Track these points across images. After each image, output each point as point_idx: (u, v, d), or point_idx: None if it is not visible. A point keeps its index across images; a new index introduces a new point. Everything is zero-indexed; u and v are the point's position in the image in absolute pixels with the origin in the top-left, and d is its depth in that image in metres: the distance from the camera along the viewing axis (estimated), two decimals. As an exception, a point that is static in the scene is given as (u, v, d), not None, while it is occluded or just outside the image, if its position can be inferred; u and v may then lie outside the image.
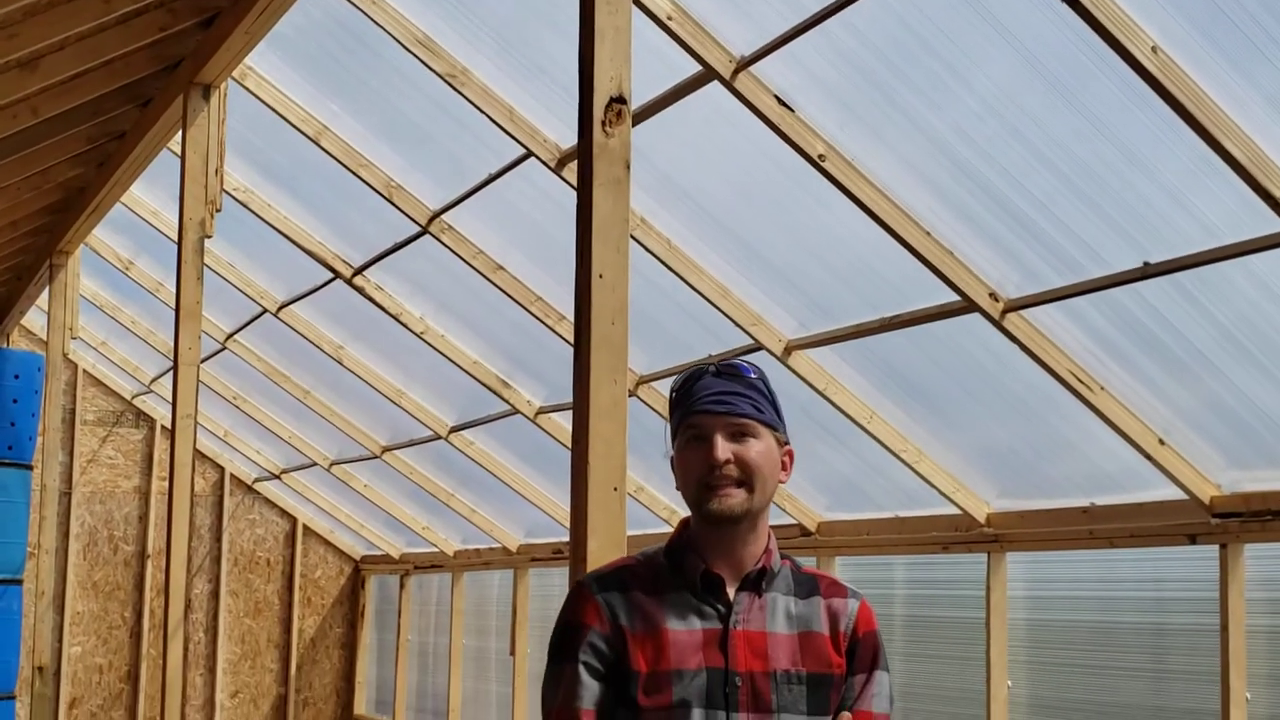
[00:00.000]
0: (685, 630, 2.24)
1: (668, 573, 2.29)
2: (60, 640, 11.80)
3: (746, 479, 2.25)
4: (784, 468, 2.33)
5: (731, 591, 2.27)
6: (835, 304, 5.89)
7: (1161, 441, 5.19)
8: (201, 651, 12.40)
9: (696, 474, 2.26)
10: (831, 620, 2.28)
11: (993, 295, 5.05)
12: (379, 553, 12.66)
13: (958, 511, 6.42)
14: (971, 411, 6.09)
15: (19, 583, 10.88)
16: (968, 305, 5.12)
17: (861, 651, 2.29)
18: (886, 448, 6.32)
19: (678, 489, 2.33)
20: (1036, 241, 4.81)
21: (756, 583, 2.27)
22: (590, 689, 2.23)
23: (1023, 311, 5.05)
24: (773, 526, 2.37)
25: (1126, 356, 5.05)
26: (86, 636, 12.06)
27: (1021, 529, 6.21)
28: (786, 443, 2.34)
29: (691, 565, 2.28)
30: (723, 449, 2.24)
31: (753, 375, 2.32)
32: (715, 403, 2.27)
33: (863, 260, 5.61)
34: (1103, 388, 5.14)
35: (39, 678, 9.07)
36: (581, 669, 2.25)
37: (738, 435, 2.26)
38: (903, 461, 6.33)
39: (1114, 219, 4.57)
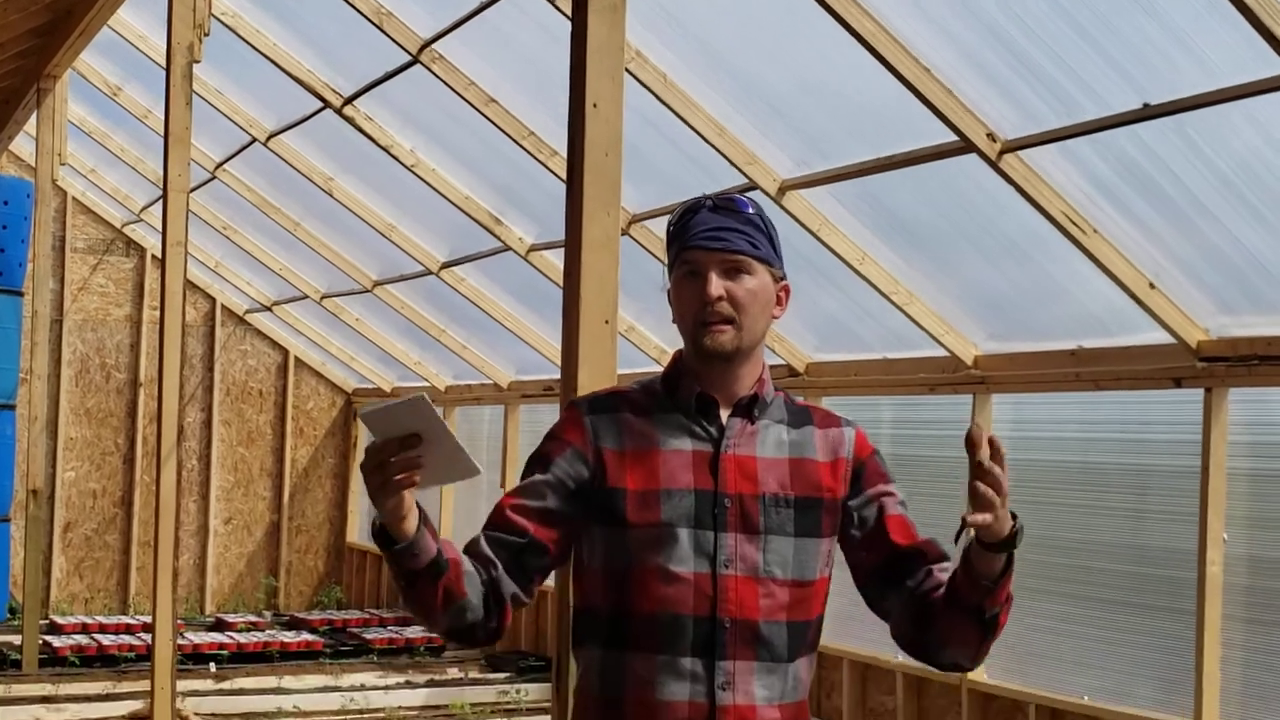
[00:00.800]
0: (676, 450, 2.26)
1: (663, 397, 2.32)
2: (54, 466, 11.92)
3: (739, 315, 2.25)
4: (779, 303, 2.33)
5: (725, 416, 2.29)
6: (832, 143, 5.83)
7: (1152, 285, 5.20)
8: (195, 479, 12.54)
9: (691, 309, 2.27)
10: (829, 448, 2.31)
11: (990, 135, 5.01)
12: (370, 386, 12.74)
13: (945, 354, 6.45)
14: (964, 254, 6.08)
15: (12, 408, 10.96)
16: (965, 145, 5.08)
17: (871, 468, 2.33)
18: (878, 289, 6.32)
19: (673, 322, 2.34)
20: (1036, 80, 4.75)
21: (748, 409, 2.30)
22: (547, 493, 2.26)
23: (1020, 152, 5.01)
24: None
25: (1122, 199, 5.03)
26: (80, 462, 12.19)
27: (1008, 371, 6.26)
28: (783, 278, 2.33)
29: (686, 388, 2.30)
30: (716, 286, 2.24)
31: (750, 210, 2.30)
32: (710, 238, 2.26)
33: (861, 99, 5.55)
34: (1096, 230, 5.13)
35: (33, 501, 9.19)
36: (546, 475, 2.28)
37: (732, 271, 2.25)
38: (893, 303, 6.34)
39: (1115, 58, 4.51)
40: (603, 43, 3.21)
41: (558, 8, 5.76)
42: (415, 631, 10.55)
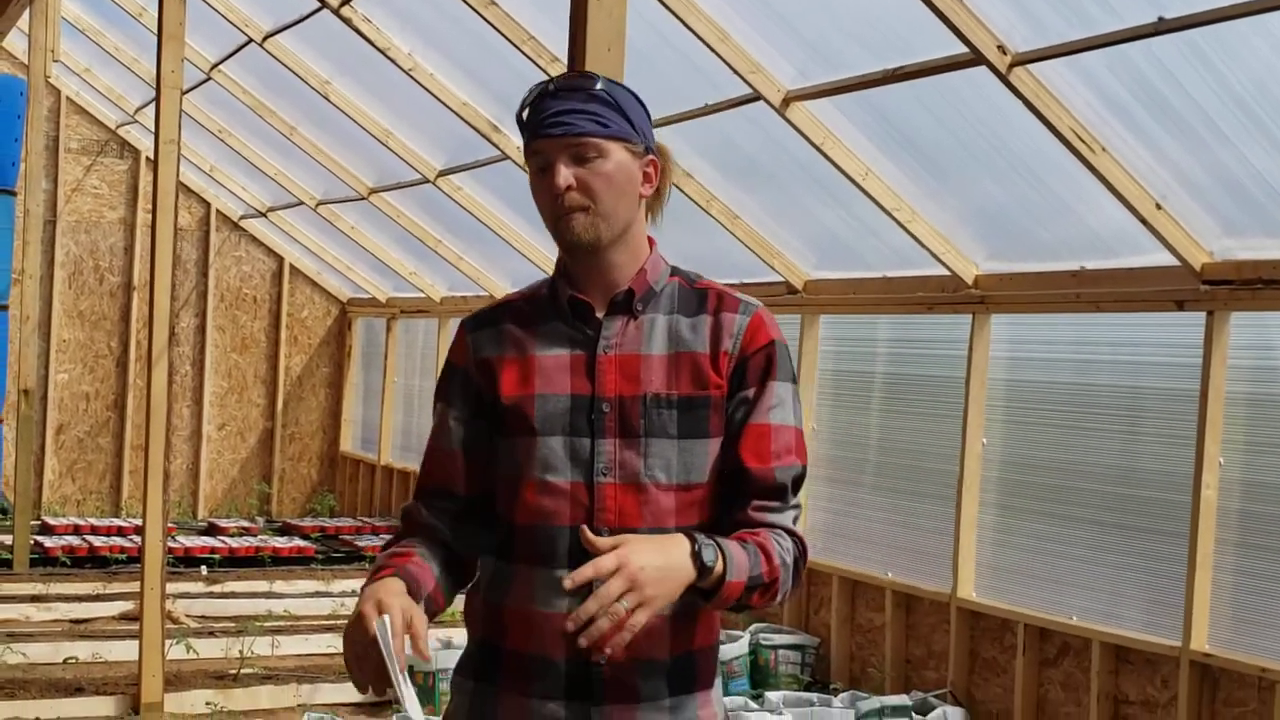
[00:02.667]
0: (553, 356, 2.16)
1: (545, 302, 2.21)
2: (46, 367, 11.88)
3: (594, 202, 2.10)
4: (646, 180, 2.16)
5: (603, 315, 2.17)
6: (838, 53, 5.72)
7: (1158, 206, 5.13)
8: (188, 384, 12.51)
9: (546, 205, 2.13)
10: (714, 338, 2.14)
11: (1000, 48, 4.91)
12: (366, 296, 12.67)
13: (946, 273, 6.39)
14: (969, 171, 6.00)
15: (3, 308, 10.89)
16: (974, 58, 4.98)
17: (751, 365, 2.14)
18: (880, 206, 6.25)
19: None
20: (1050, -10, 4.65)
21: (626, 305, 2.16)
22: (456, 430, 2.21)
23: (1030, 66, 4.91)
24: (760, 284, 2.29)
25: (1132, 117, 4.94)
26: (73, 364, 12.14)
27: (1008, 290, 6.20)
28: (647, 152, 2.15)
29: (560, 292, 2.19)
30: (564, 176, 2.09)
31: (598, 85, 2.13)
32: (552, 125, 2.10)
33: (869, 8, 5.44)
34: (1104, 148, 5.04)
35: (25, 400, 9.16)
36: (449, 409, 2.23)
37: (580, 157, 2.09)
38: (895, 220, 6.26)
39: (1132, -30, 4.41)
40: (607, -67, 3.11)
41: (561, -93, 5.62)
42: (406, 541, 10.57)
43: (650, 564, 1.91)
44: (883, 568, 6.87)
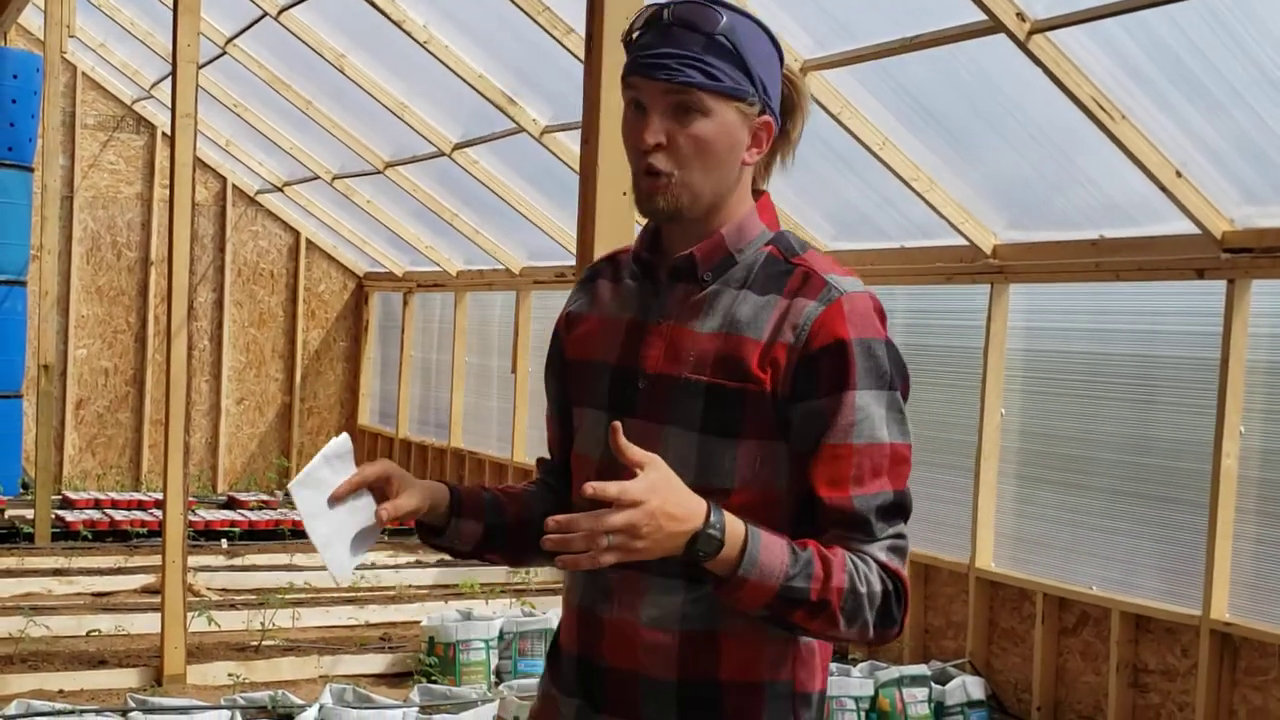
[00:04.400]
0: (613, 319, 1.93)
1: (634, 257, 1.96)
2: (66, 343, 11.92)
3: (679, 169, 1.80)
4: (755, 143, 1.84)
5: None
6: (856, 22, 5.69)
7: (1179, 174, 5.10)
8: (207, 359, 12.55)
9: (631, 148, 1.84)
10: (777, 326, 1.80)
11: (1020, 15, 4.88)
12: (382, 270, 12.68)
13: (964, 243, 6.37)
14: (988, 140, 5.97)
15: (22, 284, 10.94)
16: (994, 25, 4.95)
17: (822, 369, 1.77)
18: (898, 176, 6.22)
19: None
20: (1069, -43, 4.62)
21: (690, 272, 1.86)
22: (553, 392, 2.06)
23: (1049, 33, 4.88)
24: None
25: (1152, 84, 4.91)
26: (92, 340, 12.19)
27: (1027, 260, 6.18)
28: (762, 111, 1.83)
29: (635, 252, 1.94)
30: (654, 131, 1.79)
31: (720, 23, 1.77)
32: (654, 65, 1.78)
33: (886, -24, 5.41)
34: (1124, 116, 5.01)
35: (44, 376, 9.20)
36: (550, 371, 2.06)
37: (680, 110, 1.79)
38: (913, 190, 6.24)
39: (1153, -64, 4.37)
40: (625, -99, 3.10)
41: (577, -124, 5.60)
42: (425, 514, 10.60)
43: (667, 515, 1.66)
44: (901, 538, 6.86)
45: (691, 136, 1.79)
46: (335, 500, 1.89)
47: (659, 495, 1.66)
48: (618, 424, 1.69)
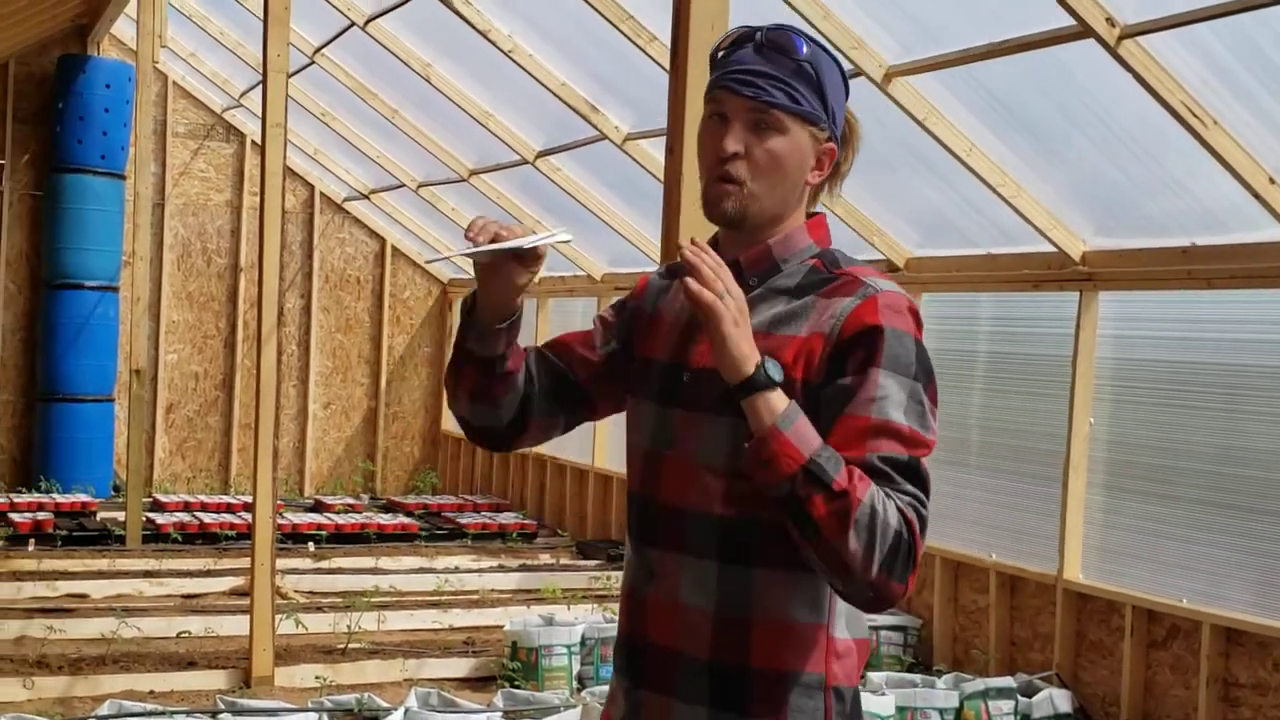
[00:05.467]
0: (674, 317, 2.09)
1: None
2: (156, 348, 12.14)
3: (751, 180, 1.96)
4: (819, 166, 2.01)
5: None
6: (942, 27, 5.65)
7: (1272, 180, 5.01)
8: (294, 364, 12.72)
9: (706, 158, 1.99)
10: (813, 322, 1.93)
11: (1109, 20, 4.81)
12: (466, 276, 12.78)
13: (1052, 249, 6.29)
14: (1076, 145, 5.89)
15: (115, 290, 11.17)
16: (1083, 30, 4.89)
17: (852, 352, 1.89)
18: (984, 181, 6.17)
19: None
20: (1161, -39, 4.55)
21: (737, 276, 1.95)
22: (598, 330, 2.17)
23: (1140, 38, 4.81)
24: (860, 261, 2.13)
25: (1245, 90, 4.82)
26: (182, 345, 12.40)
27: (1117, 267, 6.09)
28: (830, 139, 2.00)
29: None
30: (734, 139, 1.94)
31: (804, 53, 1.96)
32: (744, 82, 1.94)
33: (973, -20, 5.36)
34: (1216, 122, 4.93)
35: (136, 380, 9.38)
36: (602, 317, 2.19)
37: (761, 126, 1.95)
38: (1000, 196, 6.18)
39: (1247, -62, 4.30)
40: (711, -89, 3.10)
41: (661, -115, 5.61)
42: (508, 518, 10.67)
43: (743, 314, 1.83)
44: (986, 549, 6.79)
45: (768, 150, 1.96)
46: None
47: (735, 294, 1.84)
48: (690, 243, 1.85)
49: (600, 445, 10.40)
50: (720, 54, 2.01)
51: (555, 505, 11.09)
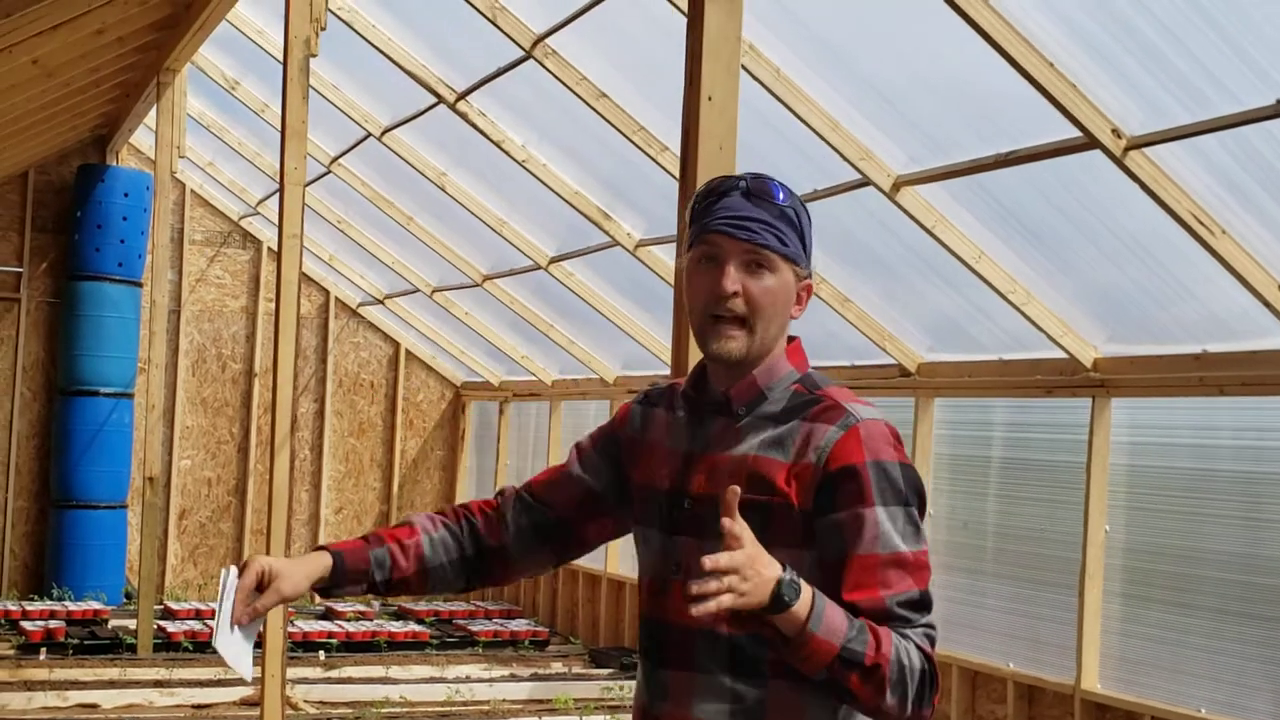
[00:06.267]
0: (668, 449, 2.22)
1: (687, 392, 2.27)
2: (170, 454, 12.16)
3: (752, 317, 2.10)
4: (798, 301, 2.17)
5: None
6: (949, 139, 5.72)
7: (1282, 288, 5.02)
8: (307, 468, 12.73)
9: (703, 300, 2.12)
10: (800, 449, 2.07)
11: (1115, 132, 4.87)
12: (479, 380, 12.82)
13: (1064, 355, 6.30)
14: (1085, 253, 5.93)
15: (130, 397, 11.22)
16: (1089, 142, 4.94)
17: (840, 488, 2.03)
18: (994, 288, 6.19)
19: (685, 301, 2.22)
20: (1164, 75, 4.61)
21: (726, 407, 2.15)
22: (584, 463, 2.33)
23: (1146, 149, 4.86)
24: (872, 366, 2.27)
25: (1252, 199, 4.86)
26: (195, 450, 12.42)
27: (1130, 374, 6.09)
28: (807, 277, 2.16)
29: (684, 390, 2.26)
30: (733, 280, 2.08)
31: (784, 201, 2.12)
32: (736, 226, 2.09)
33: (980, 93, 5.43)
34: (1224, 231, 4.96)
35: (150, 488, 9.37)
36: (586, 448, 2.35)
37: (753, 266, 2.09)
38: (1010, 303, 6.20)
39: (1248, 53, 4.36)
40: (719, 33, 3.16)
41: (672, 1, 5.72)
42: (520, 625, 10.59)
43: (763, 563, 1.90)
44: (1004, 658, 6.72)
45: (763, 289, 2.10)
46: (237, 624, 2.15)
47: (755, 547, 1.91)
48: (732, 491, 1.92)
49: (613, 551, 10.35)
50: (704, 202, 2.14)
51: (567, 612, 11.01)
